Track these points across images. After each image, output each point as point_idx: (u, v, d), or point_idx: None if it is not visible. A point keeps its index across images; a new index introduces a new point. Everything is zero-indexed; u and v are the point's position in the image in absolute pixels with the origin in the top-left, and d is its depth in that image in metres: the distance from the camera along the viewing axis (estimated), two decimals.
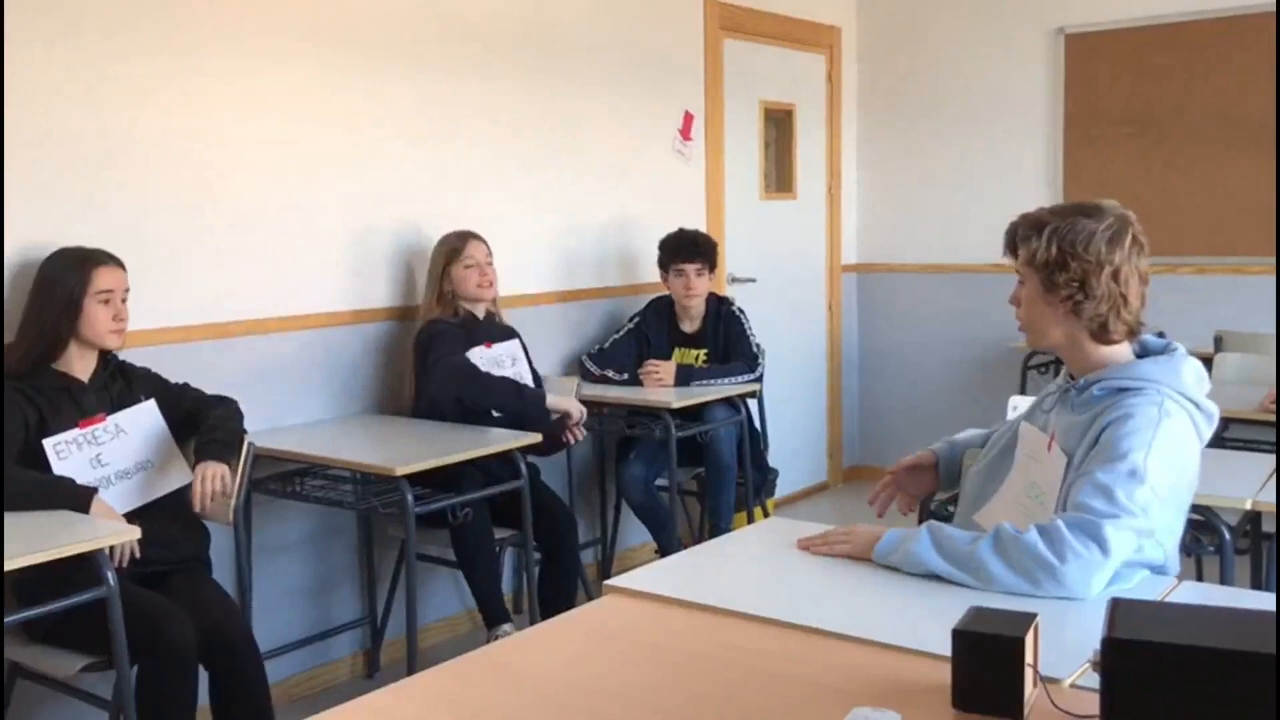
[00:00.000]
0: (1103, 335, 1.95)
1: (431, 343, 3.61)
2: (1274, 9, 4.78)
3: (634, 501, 4.29)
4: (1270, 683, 1.10)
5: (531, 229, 4.32)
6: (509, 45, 4.18)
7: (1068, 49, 5.35)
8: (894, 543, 1.87)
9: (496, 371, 3.72)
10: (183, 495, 2.83)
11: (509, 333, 3.88)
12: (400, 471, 3.01)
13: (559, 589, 3.61)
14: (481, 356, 3.69)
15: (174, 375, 3.03)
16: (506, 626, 3.50)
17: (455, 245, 3.72)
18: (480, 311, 3.78)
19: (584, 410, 3.81)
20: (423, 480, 3.15)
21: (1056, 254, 1.92)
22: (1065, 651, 1.47)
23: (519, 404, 3.61)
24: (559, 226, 4.44)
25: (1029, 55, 5.48)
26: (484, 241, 3.76)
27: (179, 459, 2.90)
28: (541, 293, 4.38)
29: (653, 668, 1.54)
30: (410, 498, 3.06)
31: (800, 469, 5.75)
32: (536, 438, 3.43)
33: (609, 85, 4.60)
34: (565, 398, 3.82)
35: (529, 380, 3.83)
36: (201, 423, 2.91)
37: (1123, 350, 1.97)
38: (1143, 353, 1.99)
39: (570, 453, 4.14)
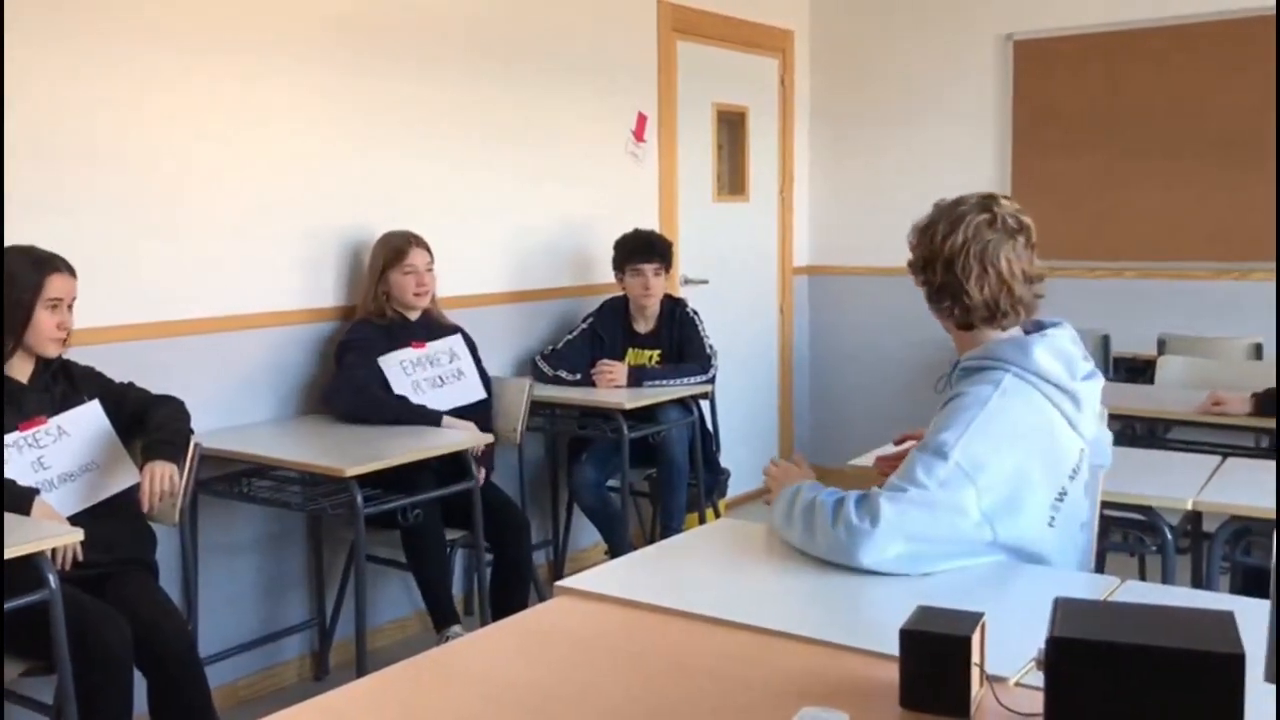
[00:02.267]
0: (959, 321, 2.00)
1: (342, 351, 3.61)
2: (1219, 17, 4.88)
3: (586, 504, 4.29)
4: (1226, 681, 1.12)
5: (484, 229, 4.30)
6: (462, 46, 4.16)
7: (1016, 55, 5.42)
8: (786, 496, 1.98)
9: (429, 370, 3.70)
10: (130, 496, 2.78)
11: (449, 329, 3.85)
12: (350, 473, 2.99)
13: (510, 590, 3.60)
14: (407, 358, 3.67)
15: (121, 374, 2.98)
16: (456, 628, 3.49)
17: (399, 248, 3.69)
18: (414, 315, 3.76)
19: (485, 440, 3.48)
20: (373, 481, 3.13)
21: (917, 248, 2.01)
22: (1012, 650, 1.49)
23: (407, 423, 3.52)
24: (512, 227, 4.43)
25: (979, 61, 5.55)
26: (426, 249, 3.74)
27: (125, 459, 2.86)
28: (494, 293, 4.36)
29: (603, 669, 1.54)
30: (359, 499, 3.03)
31: (752, 469, 5.74)
32: (489, 438, 3.42)
33: (562, 86, 4.59)
34: (464, 427, 3.53)
35: (472, 376, 3.80)
36: (148, 422, 2.87)
37: (993, 333, 1.98)
38: (1036, 331, 2.00)
39: (522, 453, 4.12)
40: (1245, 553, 2.69)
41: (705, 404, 4.51)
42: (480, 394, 3.81)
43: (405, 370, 3.66)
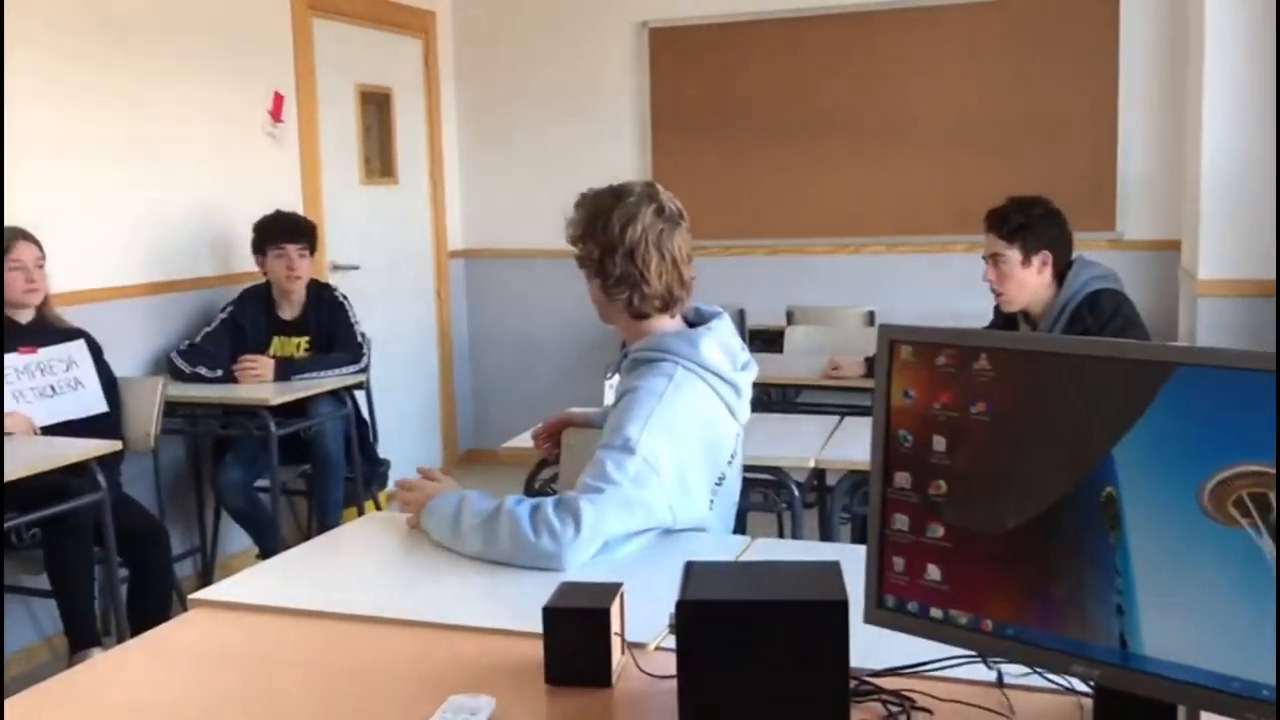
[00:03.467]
0: (634, 311, 2.03)
1: None
2: (824, 12, 5.31)
3: (232, 507, 4.07)
4: (832, 626, 1.22)
5: (110, 218, 3.97)
6: (79, 25, 3.80)
7: (651, 42, 5.64)
8: (435, 509, 1.89)
9: (40, 379, 3.38)
10: None
11: (70, 334, 3.52)
12: None
13: (150, 607, 3.36)
14: (14, 364, 3.33)
15: None
16: (95, 650, 3.22)
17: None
18: (24, 316, 3.42)
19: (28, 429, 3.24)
20: None
21: (587, 239, 2.01)
22: (652, 616, 1.54)
23: None
24: (142, 215, 4.11)
25: (617, 47, 5.73)
26: (35, 242, 3.40)
27: None
28: (124, 285, 4.04)
29: (239, 681, 1.46)
30: None
31: (414, 457, 5.68)
32: (116, 445, 3.15)
33: (192, 65, 4.31)
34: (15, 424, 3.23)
35: (91, 386, 3.49)
36: None
37: (663, 322, 2.05)
38: (698, 321, 2.10)
39: (157, 458, 3.84)
40: (863, 503, 2.95)
41: (360, 394, 4.39)
42: (100, 407, 3.51)
43: (9, 379, 3.30)
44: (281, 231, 4.16)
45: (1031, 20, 5.07)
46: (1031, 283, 3.07)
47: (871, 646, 1.32)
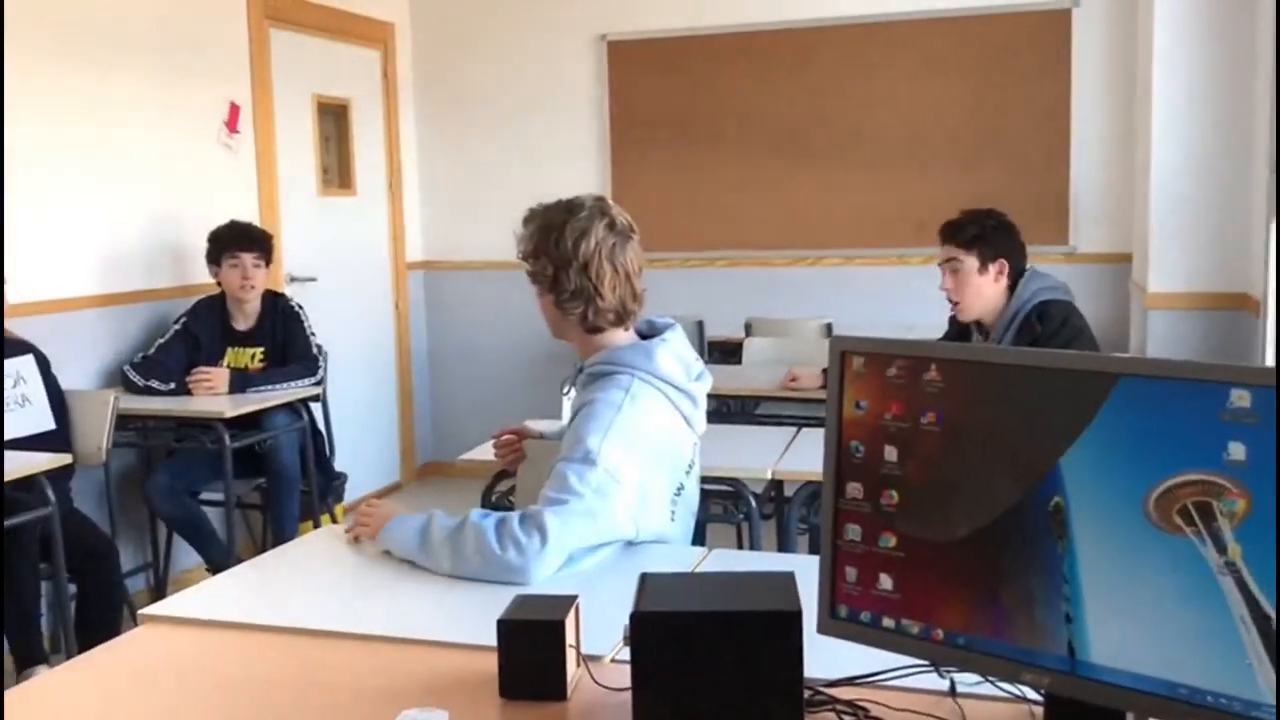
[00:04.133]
0: (588, 325, 2.03)
1: None
2: (780, 27, 5.35)
3: (165, 515, 4.01)
4: (786, 637, 1.22)
5: (61, 229, 3.91)
6: (32, 34, 3.75)
7: (610, 55, 5.65)
8: (394, 527, 1.89)
9: None
10: None
11: (19, 348, 3.46)
12: None
13: (100, 624, 3.30)
14: None
15: None
16: (42, 668, 3.16)
17: None
18: None
19: None
20: None
21: (540, 255, 2.00)
22: (608, 628, 1.54)
23: None
24: (95, 225, 4.05)
25: (576, 59, 5.73)
26: None
27: None
28: (76, 297, 3.98)
29: (190, 697, 1.44)
30: None
31: (372, 470, 5.66)
32: (66, 459, 3.11)
33: (146, 74, 4.26)
34: None
35: (39, 403, 3.42)
36: None
37: (617, 335, 2.05)
38: (650, 333, 2.10)
39: (109, 472, 3.78)
40: (819, 513, 2.96)
41: (316, 406, 4.35)
42: (48, 424, 3.44)
43: None
44: (235, 240, 4.11)
45: (986, 36, 5.13)
46: (988, 291, 3.10)
47: (826, 657, 1.33)
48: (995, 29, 5.11)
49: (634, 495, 1.92)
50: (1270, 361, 3.45)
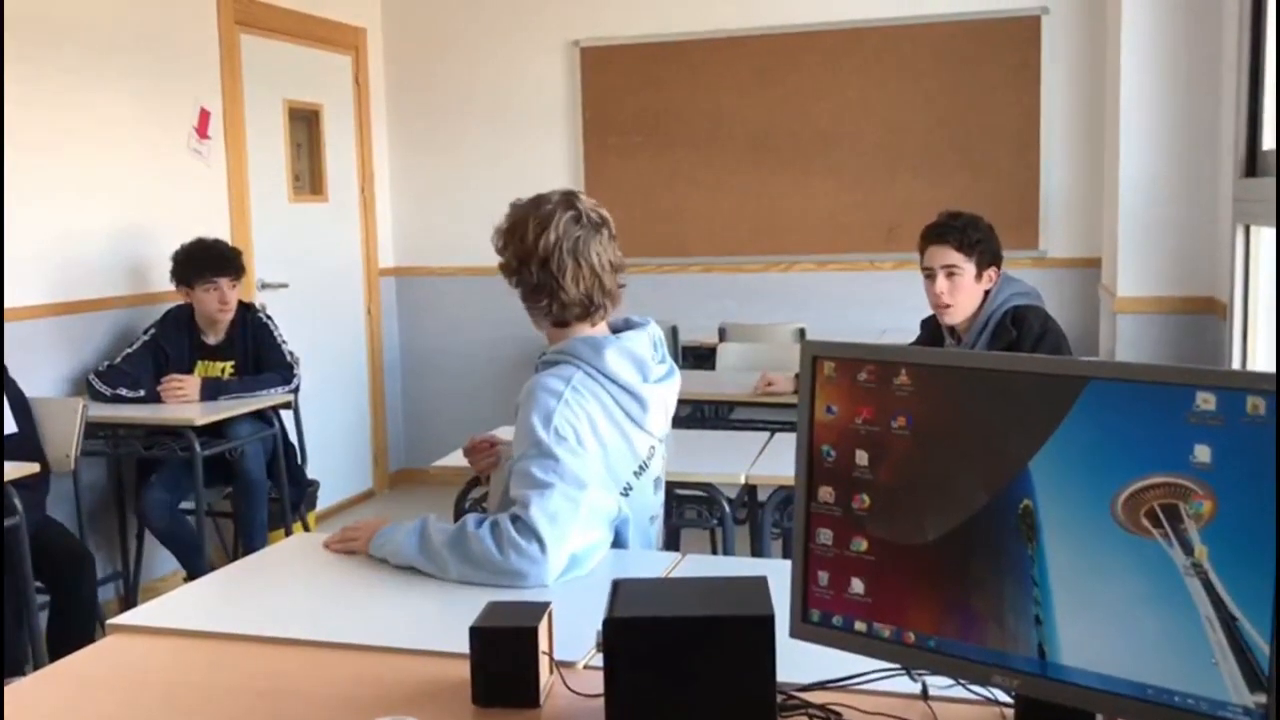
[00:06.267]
0: (555, 319, 2.03)
1: None
2: (754, 33, 5.36)
3: (157, 529, 3.98)
4: (758, 641, 1.22)
5: (19, 235, 3.85)
6: None
7: (583, 60, 5.65)
8: (387, 535, 1.89)
9: None
10: None
11: None
12: None
13: (72, 634, 3.26)
14: None
15: None
16: (14, 680, 3.10)
17: None
18: None
19: None
20: None
21: (507, 249, 2.02)
22: (581, 634, 1.54)
23: None
24: (54, 232, 4.01)
25: (549, 65, 5.73)
26: None
27: None
28: (36, 305, 3.93)
29: (159, 708, 1.43)
30: None
31: (345, 477, 5.63)
32: (34, 468, 3.07)
33: (114, 79, 4.23)
34: None
35: None
36: None
37: (584, 330, 2.04)
38: (625, 330, 2.08)
39: (78, 480, 3.74)
40: (792, 518, 2.97)
41: (287, 414, 4.32)
42: (10, 427, 3.40)
43: None
44: (211, 264, 4.04)
45: (956, 42, 5.17)
46: (977, 296, 3.10)
47: (799, 660, 1.33)
48: (965, 35, 5.15)
49: (599, 466, 1.92)
50: (1237, 364, 3.49)
